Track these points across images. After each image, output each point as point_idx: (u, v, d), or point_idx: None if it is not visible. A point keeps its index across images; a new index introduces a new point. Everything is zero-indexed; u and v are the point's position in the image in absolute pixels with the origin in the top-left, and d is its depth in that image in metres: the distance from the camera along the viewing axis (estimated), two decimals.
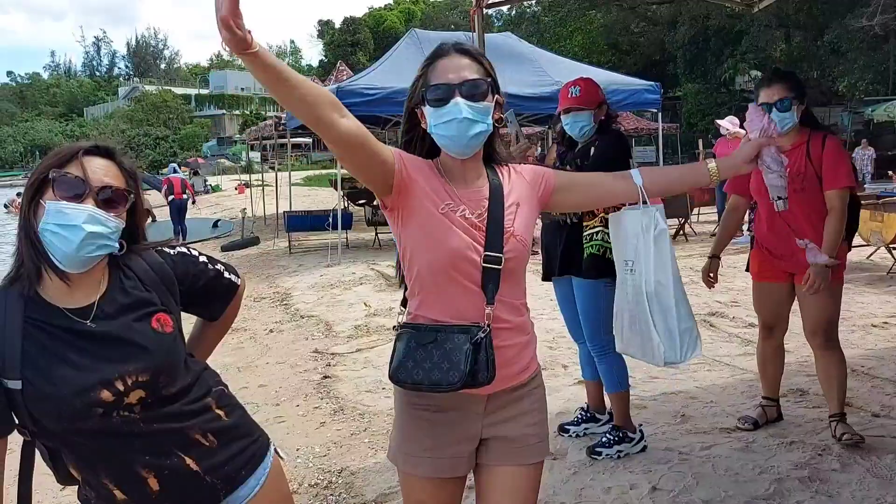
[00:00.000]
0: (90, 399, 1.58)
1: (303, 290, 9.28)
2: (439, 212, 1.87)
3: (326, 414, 4.87)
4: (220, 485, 1.77)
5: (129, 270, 1.74)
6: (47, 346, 1.59)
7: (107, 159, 1.68)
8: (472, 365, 1.79)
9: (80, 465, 1.67)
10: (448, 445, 1.94)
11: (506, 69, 10.97)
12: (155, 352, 1.67)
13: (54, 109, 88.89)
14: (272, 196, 18.24)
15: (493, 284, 1.86)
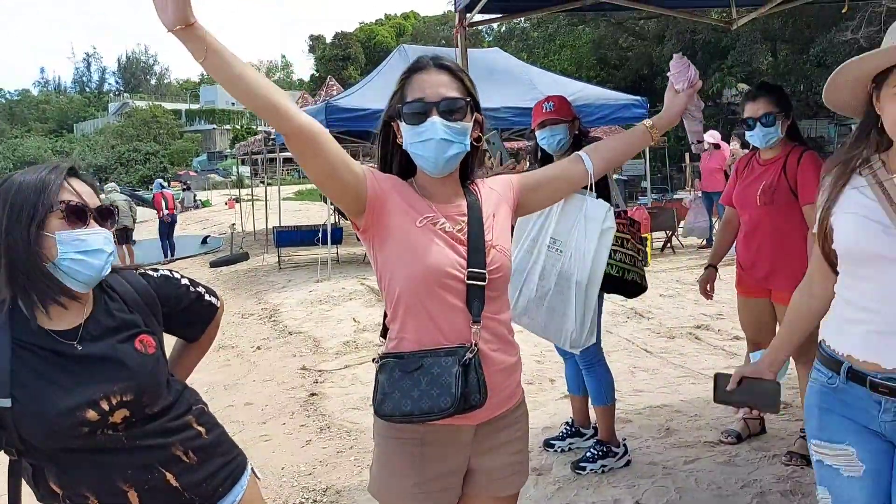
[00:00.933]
0: (76, 419, 1.60)
1: (291, 307, 9.27)
2: (418, 225, 1.80)
3: (312, 432, 4.87)
4: (199, 501, 1.80)
5: (113, 293, 1.77)
6: (35, 366, 1.62)
7: (78, 178, 1.71)
8: (462, 388, 1.70)
9: (63, 479, 1.68)
10: (436, 479, 1.86)
11: (493, 84, 11.07)
12: (138, 372, 1.70)
13: (44, 126, 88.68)
14: (262, 212, 18.24)
15: (478, 301, 1.78)
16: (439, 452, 1.86)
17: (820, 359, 1.93)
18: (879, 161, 1.79)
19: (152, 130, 72.35)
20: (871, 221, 1.71)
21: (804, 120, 27.85)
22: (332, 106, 10.26)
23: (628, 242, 3.64)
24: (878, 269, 1.71)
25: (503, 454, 1.92)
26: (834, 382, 1.85)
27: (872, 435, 1.80)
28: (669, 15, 5.06)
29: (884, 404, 1.74)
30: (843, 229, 1.79)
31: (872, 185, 1.75)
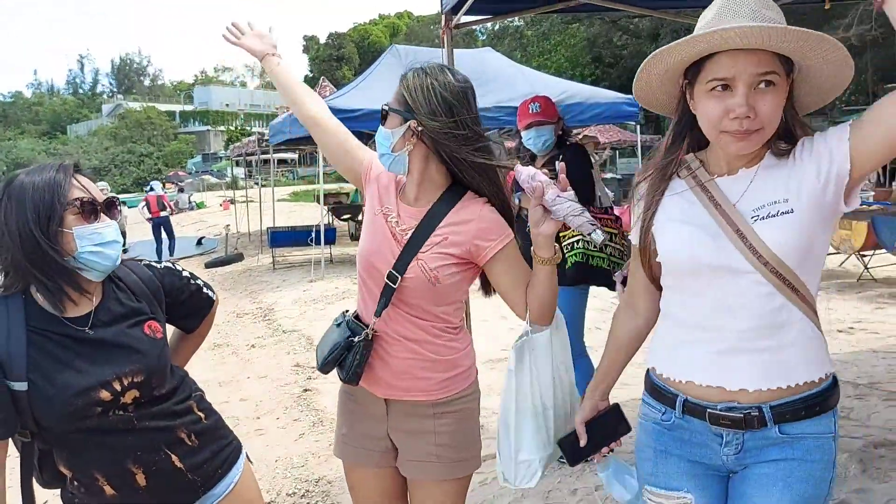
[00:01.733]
0: (90, 399, 1.70)
1: (286, 306, 9.37)
2: (374, 213, 2.08)
3: (306, 426, 4.97)
4: (200, 482, 1.91)
5: (120, 282, 1.89)
6: (49, 351, 1.71)
7: (82, 174, 1.81)
8: (338, 358, 2.01)
9: (73, 462, 1.78)
10: (359, 437, 2.13)
11: (485, 84, 11.16)
12: (148, 354, 1.81)
13: (37, 127, 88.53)
14: (256, 212, 18.33)
15: (385, 299, 1.98)
16: (363, 412, 2.13)
17: (650, 391, 1.74)
18: (697, 161, 1.65)
19: (146, 132, 72.24)
20: (697, 228, 1.57)
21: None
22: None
23: (616, 237, 3.75)
24: (711, 282, 1.55)
25: (422, 442, 2.04)
26: (669, 419, 1.66)
27: (712, 474, 1.66)
28: (653, 16, 5.15)
29: (725, 437, 1.59)
30: (668, 239, 1.63)
31: (693, 187, 1.61)
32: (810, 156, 1.51)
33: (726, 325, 1.54)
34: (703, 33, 1.44)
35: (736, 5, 1.48)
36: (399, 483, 2.17)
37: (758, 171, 1.56)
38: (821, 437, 1.56)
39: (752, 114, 1.44)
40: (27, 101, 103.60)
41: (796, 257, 1.49)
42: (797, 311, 1.52)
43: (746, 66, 1.44)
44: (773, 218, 1.49)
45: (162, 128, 74.01)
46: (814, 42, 1.43)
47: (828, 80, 1.53)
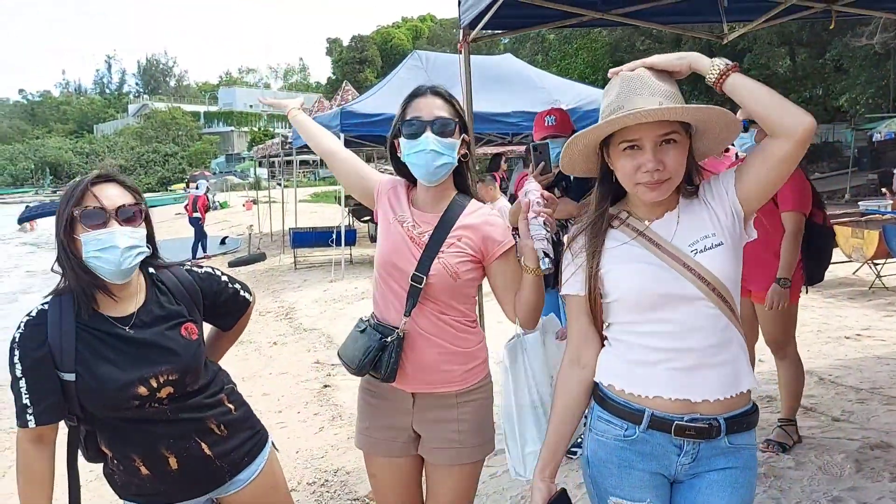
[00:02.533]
0: (129, 393, 1.92)
1: (307, 305, 9.60)
2: (390, 222, 2.27)
3: (325, 420, 5.19)
4: (227, 468, 2.12)
5: (163, 286, 2.08)
6: (95, 347, 1.92)
7: (110, 182, 1.98)
8: (374, 359, 2.17)
9: (113, 443, 2.00)
10: (383, 429, 2.31)
11: (505, 90, 11.33)
12: (183, 355, 2.01)
13: (65, 126, 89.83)
14: (279, 213, 18.63)
15: (413, 299, 2.17)
16: (386, 407, 2.30)
17: (610, 411, 1.83)
18: (625, 212, 1.86)
19: (171, 132, 73.05)
20: (649, 266, 1.77)
21: (821, 125, 27.82)
22: (347, 112, 10.56)
23: None
24: (671, 309, 1.74)
25: (445, 429, 2.25)
26: (632, 434, 1.80)
27: (666, 483, 1.84)
28: (664, 29, 5.31)
29: (685, 447, 1.76)
30: (630, 279, 1.79)
31: (634, 236, 1.82)
32: (713, 197, 1.78)
33: (689, 345, 1.74)
34: (611, 119, 1.69)
35: (635, 84, 1.73)
36: (415, 470, 2.38)
37: (679, 212, 1.81)
38: (753, 448, 1.82)
39: (660, 166, 1.70)
40: (55, 101, 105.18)
41: (732, 282, 1.76)
42: (734, 329, 1.77)
43: (650, 131, 1.70)
44: (710, 250, 1.75)
45: (186, 128, 74.84)
46: (702, 113, 1.70)
47: (721, 132, 1.79)
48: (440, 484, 2.30)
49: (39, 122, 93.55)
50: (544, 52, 35.71)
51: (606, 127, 1.72)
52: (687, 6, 4.66)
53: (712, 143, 1.83)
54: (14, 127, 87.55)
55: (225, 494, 2.17)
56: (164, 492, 2.06)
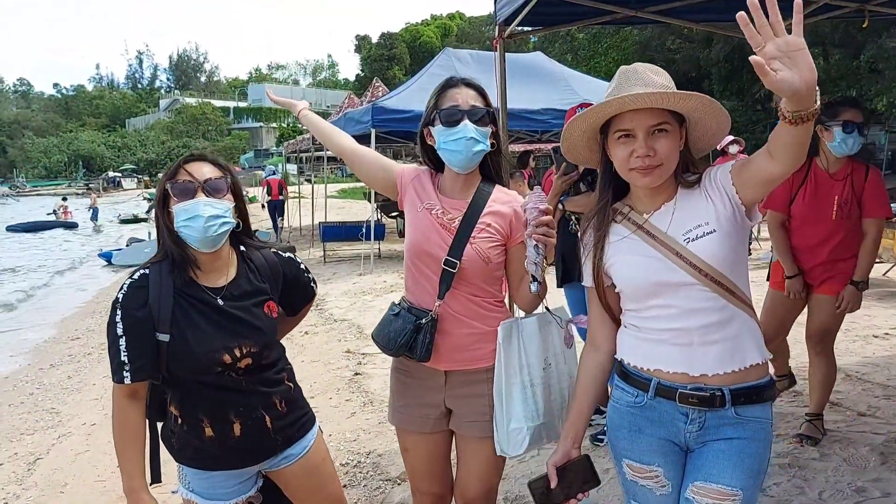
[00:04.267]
0: (214, 359, 2.08)
1: (336, 297, 9.77)
2: (418, 210, 2.37)
3: (357, 406, 5.32)
4: (281, 441, 2.27)
5: (251, 264, 2.25)
6: (188, 312, 2.09)
7: (202, 161, 2.16)
8: (409, 341, 2.28)
9: (186, 404, 2.16)
10: (414, 406, 2.44)
11: (534, 87, 11.41)
12: (265, 331, 2.18)
13: (97, 120, 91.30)
14: (308, 208, 18.84)
15: (446, 283, 2.28)
16: (419, 385, 2.43)
17: (625, 380, 2.00)
18: (627, 207, 1.99)
19: (201, 127, 73.94)
20: (645, 258, 1.90)
21: None
22: (378, 107, 10.72)
23: None
24: (670, 295, 1.87)
25: (477, 404, 2.36)
26: (641, 401, 1.94)
27: (677, 449, 1.94)
28: (695, 28, 5.36)
29: (690, 415, 1.87)
30: (627, 270, 1.94)
31: (634, 230, 1.94)
32: (713, 186, 1.88)
33: (686, 326, 1.86)
34: (602, 102, 1.83)
35: (630, 76, 1.89)
36: (446, 445, 2.51)
37: (676, 203, 1.92)
38: (764, 421, 1.88)
39: (651, 153, 1.82)
40: (89, 95, 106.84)
41: (726, 266, 1.85)
42: (736, 308, 1.86)
43: (642, 120, 1.82)
44: (701, 238, 1.85)
45: (216, 123, 75.74)
46: (690, 100, 1.79)
47: (711, 125, 1.90)
48: (472, 455, 2.41)
49: (73, 115, 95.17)
50: (573, 50, 35.60)
51: (599, 109, 1.85)
52: (719, 4, 4.70)
53: (705, 135, 1.93)
54: (48, 120, 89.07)
55: (276, 469, 2.32)
56: (221, 457, 2.20)
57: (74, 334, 9.56)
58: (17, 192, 59.09)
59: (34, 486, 4.59)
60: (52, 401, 6.54)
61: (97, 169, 67.43)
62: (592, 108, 1.87)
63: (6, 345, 9.55)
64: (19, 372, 7.91)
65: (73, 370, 7.53)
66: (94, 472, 4.62)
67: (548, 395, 2.33)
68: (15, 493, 4.50)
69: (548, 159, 21.03)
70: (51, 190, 58.47)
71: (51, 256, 19.70)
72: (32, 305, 12.67)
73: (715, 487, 1.83)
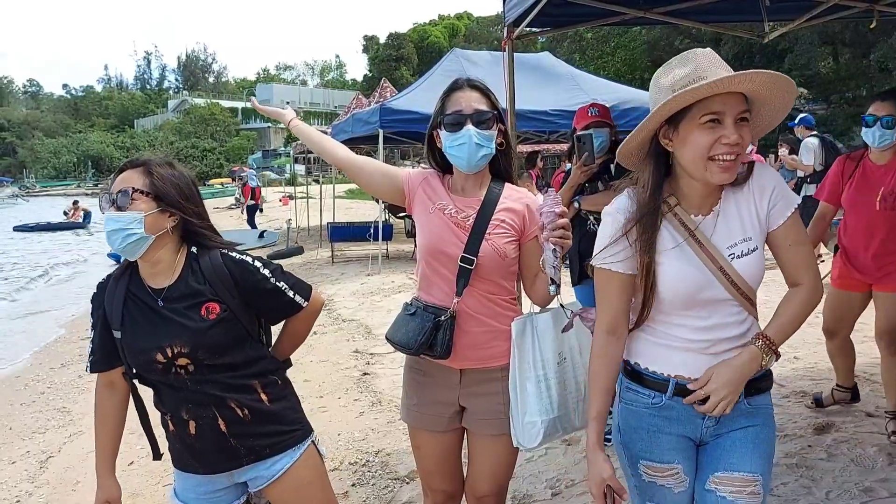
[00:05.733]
0: (149, 357, 2.14)
1: (344, 297, 9.79)
2: (430, 211, 2.40)
3: (365, 405, 5.35)
4: (244, 451, 2.21)
5: (196, 266, 2.20)
6: (132, 312, 2.17)
7: (133, 169, 2.16)
8: (429, 338, 2.29)
9: (155, 399, 2.26)
10: (431, 405, 2.46)
11: (543, 87, 11.42)
12: (196, 331, 2.12)
13: (106, 121, 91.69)
14: (316, 208, 18.89)
15: (463, 280, 2.30)
16: (433, 383, 2.45)
17: (638, 382, 1.98)
18: (675, 199, 1.90)
19: (209, 128, 74.14)
20: (690, 267, 1.84)
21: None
22: (386, 108, 10.75)
23: None
24: (702, 308, 1.86)
25: (491, 402, 2.39)
26: (659, 401, 1.93)
27: (692, 446, 1.97)
28: (704, 28, 5.37)
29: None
30: (674, 280, 1.86)
31: (678, 226, 1.88)
32: (761, 194, 1.86)
33: (714, 338, 1.88)
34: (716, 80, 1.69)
35: (712, 60, 1.78)
36: (458, 443, 2.54)
37: (721, 208, 1.89)
38: (769, 407, 1.97)
39: (739, 141, 1.74)
40: (98, 96, 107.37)
41: (758, 283, 1.89)
42: (752, 318, 1.92)
43: (733, 105, 1.74)
44: (746, 256, 1.84)
45: (224, 124, 75.91)
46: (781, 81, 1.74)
47: (775, 109, 1.83)
48: (485, 452, 2.44)
49: (82, 116, 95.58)
50: (581, 50, 35.59)
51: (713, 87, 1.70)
52: (728, 5, 4.72)
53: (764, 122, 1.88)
54: (58, 121, 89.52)
55: (257, 488, 2.29)
56: (184, 456, 2.25)
57: (84, 334, 9.60)
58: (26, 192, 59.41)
59: (46, 484, 4.64)
60: (63, 399, 6.60)
61: (106, 169, 67.61)
62: (701, 86, 1.70)
63: (17, 344, 9.63)
64: (30, 371, 7.98)
65: (84, 369, 7.57)
66: None
67: (563, 388, 2.35)
68: (27, 491, 4.55)
69: (556, 159, 21.01)
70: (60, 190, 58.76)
71: (59, 257, 19.80)
72: (42, 305, 12.74)
73: (737, 476, 1.89)
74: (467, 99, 2.33)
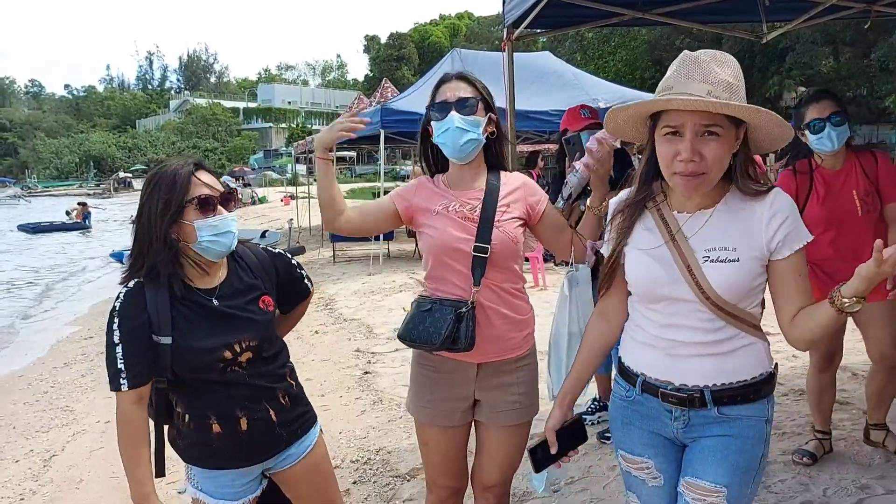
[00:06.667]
0: (215, 356, 2.14)
1: (346, 296, 9.83)
2: (434, 214, 2.43)
3: (367, 404, 5.38)
4: (285, 436, 2.32)
5: (242, 262, 2.31)
6: (186, 315, 2.14)
7: (203, 170, 2.19)
8: (453, 332, 2.27)
9: (192, 403, 2.20)
10: (444, 400, 2.46)
11: (543, 87, 11.46)
12: (261, 324, 2.24)
13: (108, 121, 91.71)
14: (317, 208, 18.91)
15: (479, 269, 2.33)
16: (448, 379, 2.45)
17: (620, 373, 2.03)
18: (662, 195, 1.90)
19: (211, 128, 74.18)
20: (655, 261, 1.84)
21: (864, 125, 27.32)
22: (387, 109, 10.81)
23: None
24: (668, 304, 1.85)
25: (506, 393, 2.44)
26: (631, 395, 1.97)
27: (668, 443, 1.95)
28: (703, 29, 5.40)
29: (674, 413, 1.88)
30: (633, 268, 1.91)
31: (657, 219, 1.88)
32: (771, 219, 1.77)
33: (675, 338, 1.86)
34: (653, 99, 1.74)
35: (689, 68, 1.72)
36: (466, 437, 2.56)
37: (713, 214, 1.82)
38: (754, 419, 1.85)
39: (696, 157, 1.69)
40: (99, 96, 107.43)
41: (737, 295, 1.79)
42: (735, 330, 1.82)
43: (692, 119, 1.69)
44: (721, 263, 1.77)
45: (226, 124, 75.94)
46: (748, 114, 1.69)
47: (774, 131, 1.79)
48: (497, 444, 2.47)
49: (84, 116, 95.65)
50: (582, 50, 35.56)
51: (644, 107, 1.79)
52: (727, 5, 4.75)
53: (769, 138, 1.81)
54: (60, 121, 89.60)
55: (279, 469, 2.36)
56: (228, 454, 2.23)
57: (87, 333, 9.65)
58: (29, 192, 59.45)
59: (50, 483, 4.68)
60: (67, 398, 6.63)
61: (108, 170, 67.70)
62: (638, 104, 1.79)
63: (21, 343, 9.68)
64: (34, 370, 8.01)
65: (87, 368, 7.61)
66: (109, 468, 4.69)
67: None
68: (31, 490, 4.59)
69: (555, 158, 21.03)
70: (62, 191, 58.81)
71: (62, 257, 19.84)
72: (45, 305, 12.79)
73: (700, 483, 1.85)
74: (453, 89, 2.39)
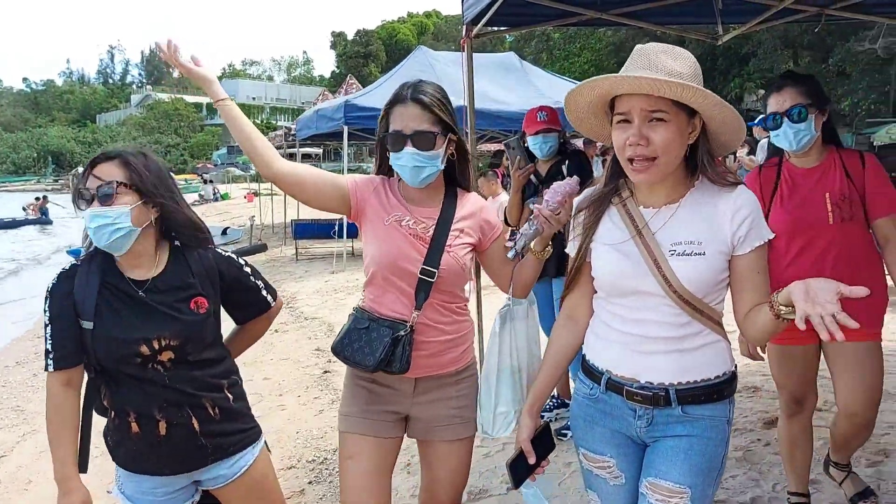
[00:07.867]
0: (131, 349, 2.08)
1: (308, 295, 9.75)
2: (385, 223, 2.29)
3: (325, 403, 5.34)
4: (211, 449, 2.22)
5: (183, 259, 2.22)
6: (111, 302, 2.11)
7: (106, 162, 2.11)
8: (388, 355, 2.19)
9: (114, 397, 2.16)
10: (376, 413, 2.33)
11: (507, 87, 11.48)
12: (187, 324, 2.15)
13: (67, 116, 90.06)
14: (280, 204, 18.77)
15: (423, 293, 2.23)
16: (384, 392, 2.34)
17: (583, 371, 2.02)
18: (628, 190, 1.91)
19: (173, 123, 73.25)
20: (622, 256, 1.85)
21: None
22: (351, 104, 10.73)
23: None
24: (635, 299, 1.86)
25: (444, 407, 2.36)
26: (595, 393, 1.96)
27: (630, 442, 1.95)
28: (660, 31, 5.45)
29: (638, 411, 1.88)
30: (599, 263, 1.92)
31: (623, 215, 1.89)
32: (734, 214, 1.80)
33: (641, 333, 1.86)
34: (593, 78, 1.78)
35: (638, 58, 1.79)
36: (394, 454, 2.41)
37: (679, 209, 1.85)
38: (717, 419, 1.87)
39: (643, 142, 1.73)
40: (59, 90, 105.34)
41: (703, 289, 1.81)
42: (700, 325, 1.84)
43: (638, 104, 1.73)
44: (688, 257, 1.79)
45: (189, 119, 75.03)
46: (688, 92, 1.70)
47: (726, 123, 1.80)
48: (443, 460, 2.39)
49: (42, 110, 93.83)
50: (548, 50, 35.75)
51: (586, 86, 1.80)
52: (683, 8, 4.79)
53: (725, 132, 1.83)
54: (17, 115, 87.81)
55: (211, 487, 2.29)
56: (148, 458, 2.16)
57: (40, 332, 9.44)
58: None
59: None
60: (17, 398, 6.49)
61: (67, 165, 66.44)
62: (584, 83, 1.80)
63: None
64: None
65: (39, 368, 7.41)
66: None
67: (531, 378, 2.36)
68: None
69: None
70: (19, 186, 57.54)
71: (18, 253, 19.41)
72: None
73: (664, 484, 1.84)
74: (408, 117, 2.22)
